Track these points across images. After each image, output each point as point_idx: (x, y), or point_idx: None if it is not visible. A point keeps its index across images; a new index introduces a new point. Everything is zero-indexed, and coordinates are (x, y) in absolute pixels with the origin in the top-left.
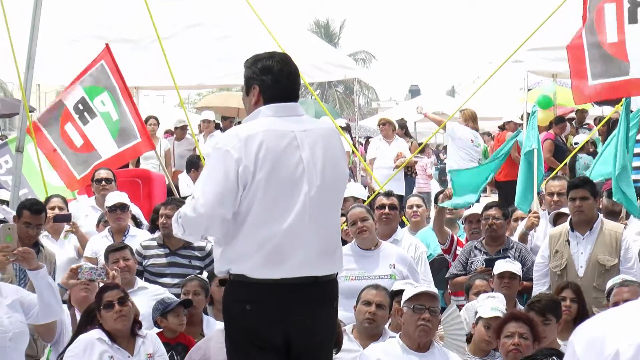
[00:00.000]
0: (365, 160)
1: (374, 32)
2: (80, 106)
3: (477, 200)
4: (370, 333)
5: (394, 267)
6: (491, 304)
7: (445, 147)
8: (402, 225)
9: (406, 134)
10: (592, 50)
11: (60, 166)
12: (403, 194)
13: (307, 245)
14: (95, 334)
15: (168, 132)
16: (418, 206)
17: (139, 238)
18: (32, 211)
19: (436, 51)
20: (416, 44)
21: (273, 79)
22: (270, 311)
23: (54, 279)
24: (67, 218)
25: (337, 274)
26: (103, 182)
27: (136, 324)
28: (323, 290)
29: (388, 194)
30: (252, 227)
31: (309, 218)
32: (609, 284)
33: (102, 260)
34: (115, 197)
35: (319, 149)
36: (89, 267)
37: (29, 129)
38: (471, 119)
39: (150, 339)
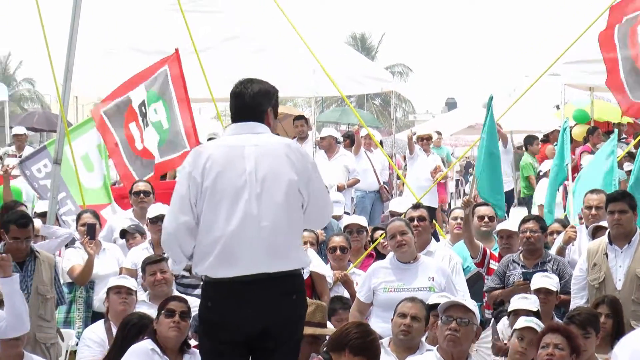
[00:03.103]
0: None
1: (411, 45)
2: (143, 109)
3: (505, 212)
4: (405, 345)
5: (433, 280)
6: (525, 317)
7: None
8: (437, 238)
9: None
10: (626, 63)
11: (119, 161)
12: (436, 206)
13: (252, 246)
14: (147, 344)
15: None
16: (462, 218)
17: None
18: (19, 225)
19: (473, 64)
20: (453, 57)
21: (230, 103)
22: (228, 307)
23: (59, 281)
24: (92, 229)
25: (302, 269)
26: (141, 195)
27: (186, 344)
28: (279, 284)
29: (416, 206)
30: (204, 231)
31: (250, 222)
32: None
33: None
34: (158, 208)
35: (265, 161)
36: None
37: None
38: None
39: (197, 356)
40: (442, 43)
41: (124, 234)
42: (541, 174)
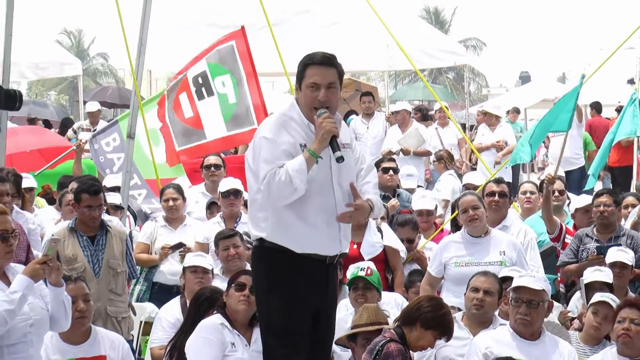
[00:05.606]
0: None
1: (485, 19)
2: (200, 80)
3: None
4: (479, 320)
5: (504, 254)
6: (600, 293)
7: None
8: None
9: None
10: None
11: (166, 135)
12: (510, 180)
13: None
14: (217, 319)
15: None
16: (532, 193)
17: None
18: (91, 193)
19: (547, 37)
20: (527, 30)
21: None
22: None
23: (130, 255)
24: (178, 247)
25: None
26: (212, 168)
27: (255, 318)
28: None
29: (498, 181)
30: None
31: None
32: None
33: (212, 246)
34: (230, 182)
35: None
36: None
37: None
38: None
39: None
40: (516, 16)
41: (210, 205)
42: None
